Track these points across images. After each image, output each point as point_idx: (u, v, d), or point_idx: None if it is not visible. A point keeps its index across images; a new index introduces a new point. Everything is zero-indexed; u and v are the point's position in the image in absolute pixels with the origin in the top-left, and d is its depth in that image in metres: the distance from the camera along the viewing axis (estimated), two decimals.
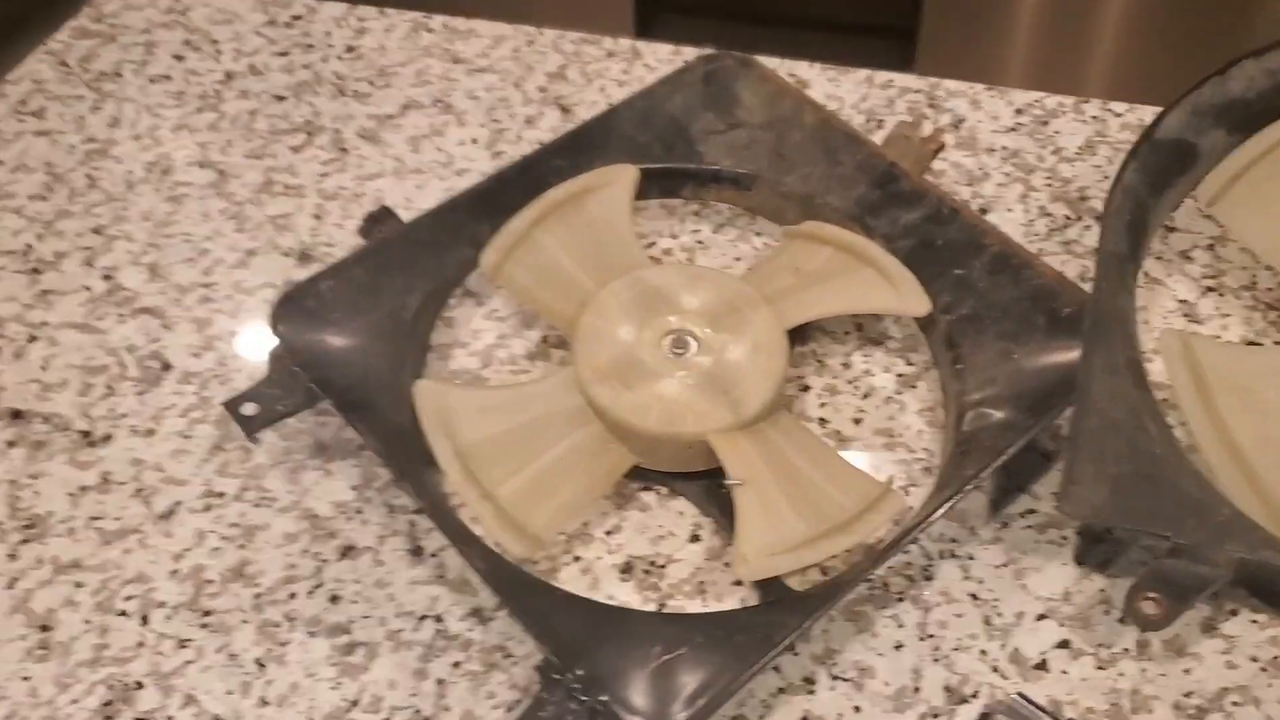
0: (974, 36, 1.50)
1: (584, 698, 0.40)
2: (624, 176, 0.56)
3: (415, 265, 0.53)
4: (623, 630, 0.42)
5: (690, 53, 0.73)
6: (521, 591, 0.43)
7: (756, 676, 0.42)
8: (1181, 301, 0.57)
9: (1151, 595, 0.42)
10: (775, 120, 0.59)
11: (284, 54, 0.75)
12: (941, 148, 0.58)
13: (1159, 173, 0.52)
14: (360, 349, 0.50)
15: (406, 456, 0.47)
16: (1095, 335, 0.46)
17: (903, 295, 0.52)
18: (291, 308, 0.51)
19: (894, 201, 0.55)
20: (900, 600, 0.47)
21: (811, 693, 0.45)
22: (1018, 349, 0.50)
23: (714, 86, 0.60)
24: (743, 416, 0.48)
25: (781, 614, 0.43)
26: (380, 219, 0.56)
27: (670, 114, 0.59)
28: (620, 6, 1.69)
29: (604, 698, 0.40)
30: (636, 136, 0.58)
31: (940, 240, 0.54)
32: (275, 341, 0.51)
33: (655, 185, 0.59)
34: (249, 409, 0.48)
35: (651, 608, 0.47)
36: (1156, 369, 0.52)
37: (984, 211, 0.61)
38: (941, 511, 0.44)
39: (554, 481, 0.47)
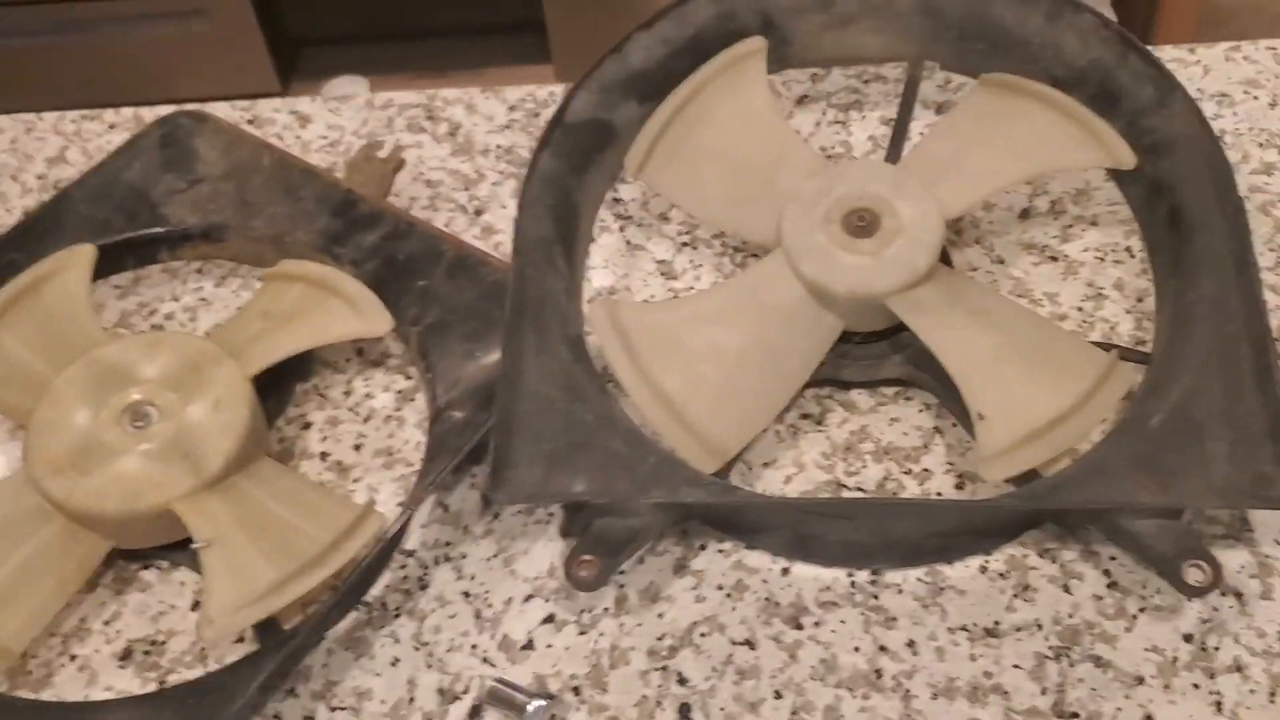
0: (600, 21, 1.53)
1: None
2: (77, 258, 0.54)
3: None
4: None
5: (192, 107, 0.72)
6: None
7: None
8: (660, 262, 0.60)
9: (586, 558, 0.44)
10: (235, 169, 0.58)
11: None
12: (401, 164, 0.59)
13: (579, 154, 0.54)
14: None
15: None
16: (519, 322, 0.48)
17: (365, 318, 0.53)
18: None
19: (355, 226, 0.56)
20: (398, 616, 0.48)
21: None
22: (479, 348, 0.52)
23: (172, 147, 0.59)
24: (205, 476, 0.48)
25: (250, 668, 0.43)
26: None
27: (129, 183, 0.58)
28: (257, 58, 1.66)
29: None
30: (94, 214, 0.57)
31: (401, 255, 0.55)
32: None
33: (129, 256, 0.58)
34: None
35: (152, 688, 0.46)
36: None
37: (479, 212, 0.63)
38: (398, 525, 0.45)
39: (18, 589, 0.46)
